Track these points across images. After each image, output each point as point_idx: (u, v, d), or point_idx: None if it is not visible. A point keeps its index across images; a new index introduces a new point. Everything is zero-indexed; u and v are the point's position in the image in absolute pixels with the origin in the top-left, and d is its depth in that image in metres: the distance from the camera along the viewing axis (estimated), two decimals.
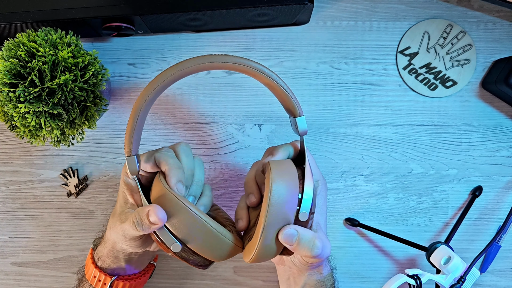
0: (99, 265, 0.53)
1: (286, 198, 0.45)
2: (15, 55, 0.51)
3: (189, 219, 0.45)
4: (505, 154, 0.65)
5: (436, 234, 0.65)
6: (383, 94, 0.65)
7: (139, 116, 0.45)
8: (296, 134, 0.50)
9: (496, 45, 0.65)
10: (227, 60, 0.44)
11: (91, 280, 0.53)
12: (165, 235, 0.45)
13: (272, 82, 0.46)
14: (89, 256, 0.55)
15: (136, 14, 0.56)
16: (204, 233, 0.45)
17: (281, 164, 0.48)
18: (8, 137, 0.66)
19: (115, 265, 0.53)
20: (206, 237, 0.46)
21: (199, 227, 0.45)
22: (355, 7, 0.65)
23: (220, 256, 0.47)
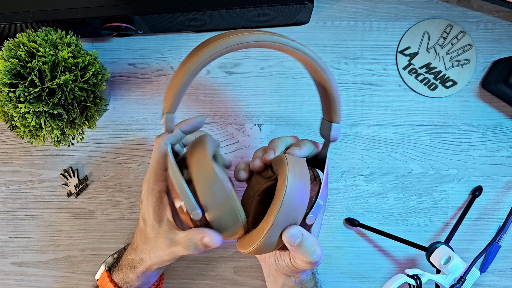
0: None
1: (299, 200, 0.44)
2: (15, 55, 0.51)
3: (219, 188, 0.45)
4: (505, 154, 0.65)
5: (436, 234, 0.65)
6: (383, 94, 0.65)
7: (190, 74, 0.43)
8: (324, 138, 0.50)
9: (496, 45, 0.65)
10: (296, 47, 0.43)
11: None
12: (189, 200, 0.44)
13: (327, 83, 0.45)
14: (107, 279, 0.52)
15: (136, 14, 0.56)
16: (226, 205, 0.45)
17: (298, 163, 0.47)
18: (8, 137, 0.66)
19: (142, 284, 0.52)
20: (226, 210, 0.45)
21: (224, 198, 0.45)
22: (355, 7, 0.65)
23: (226, 231, 0.47)
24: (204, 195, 0.45)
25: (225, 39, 0.41)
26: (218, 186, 0.45)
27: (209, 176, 0.45)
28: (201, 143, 0.48)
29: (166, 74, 0.65)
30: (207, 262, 0.66)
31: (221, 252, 0.66)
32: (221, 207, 0.45)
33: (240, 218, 0.46)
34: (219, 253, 0.66)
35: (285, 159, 0.47)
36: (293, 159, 0.47)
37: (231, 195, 0.45)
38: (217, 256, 0.66)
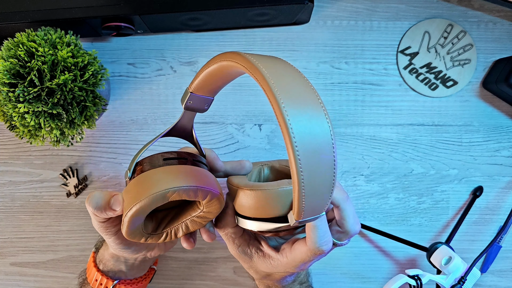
0: (101, 268, 0.53)
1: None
2: (15, 55, 0.51)
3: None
4: (505, 154, 0.65)
5: (437, 235, 0.65)
6: (383, 94, 0.65)
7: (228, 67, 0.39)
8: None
9: (497, 45, 0.65)
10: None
11: (92, 283, 0.53)
12: (131, 162, 0.46)
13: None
14: (91, 259, 0.54)
15: (135, 13, 0.56)
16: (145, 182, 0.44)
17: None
18: (7, 137, 0.65)
19: (116, 269, 0.53)
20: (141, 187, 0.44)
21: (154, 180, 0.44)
22: (356, 6, 0.65)
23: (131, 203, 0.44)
24: (140, 177, 0.43)
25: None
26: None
27: (155, 185, 0.42)
28: (177, 182, 0.44)
29: (165, 74, 0.65)
30: (207, 262, 0.65)
31: (221, 253, 0.65)
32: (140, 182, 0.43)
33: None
34: (219, 254, 0.65)
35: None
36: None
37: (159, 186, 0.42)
38: (217, 256, 0.66)
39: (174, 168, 0.44)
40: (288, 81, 0.35)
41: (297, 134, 0.32)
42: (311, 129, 0.33)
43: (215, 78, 0.43)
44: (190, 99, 0.45)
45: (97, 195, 0.44)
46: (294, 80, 0.35)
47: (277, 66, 0.36)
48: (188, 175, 0.43)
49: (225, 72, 0.41)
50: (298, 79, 0.36)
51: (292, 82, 0.35)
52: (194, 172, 0.44)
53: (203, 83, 0.43)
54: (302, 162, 0.32)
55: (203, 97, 0.45)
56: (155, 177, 0.43)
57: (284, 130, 0.32)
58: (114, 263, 0.52)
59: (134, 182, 0.43)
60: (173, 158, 0.45)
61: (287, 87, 0.34)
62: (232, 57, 0.37)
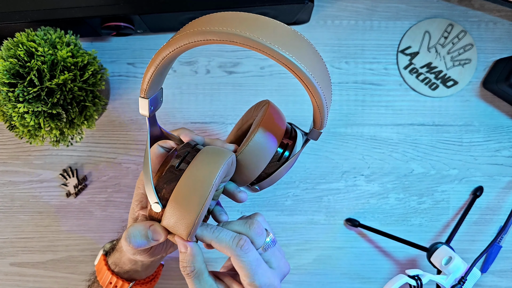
0: (116, 271, 0.52)
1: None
2: (14, 55, 0.51)
3: (197, 201, 0.42)
4: (506, 154, 0.65)
5: (437, 235, 0.65)
6: (383, 94, 0.65)
7: (164, 59, 0.40)
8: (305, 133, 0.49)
9: (497, 45, 0.65)
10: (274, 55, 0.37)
11: (106, 286, 0.52)
12: (150, 192, 0.42)
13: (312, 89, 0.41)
14: (103, 262, 0.53)
15: (135, 13, 0.56)
16: (188, 217, 0.42)
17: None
18: (7, 137, 0.65)
19: (132, 271, 0.52)
20: (184, 221, 0.43)
21: (191, 211, 0.42)
22: (356, 6, 0.65)
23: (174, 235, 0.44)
24: (178, 195, 0.41)
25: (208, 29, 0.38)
26: (198, 199, 0.41)
27: (198, 188, 0.41)
28: (220, 160, 0.43)
29: None
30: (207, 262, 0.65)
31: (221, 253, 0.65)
32: (182, 216, 0.41)
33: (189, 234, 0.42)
34: (219, 253, 0.65)
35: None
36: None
37: (200, 216, 0.41)
38: (217, 256, 0.66)
39: (197, 164, 0.42)
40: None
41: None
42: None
43: (166, 69, 0.43)
44: (151, 104, 0.44)
45: (134, 233, 0.42)
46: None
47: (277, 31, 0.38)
48: (213, 159, 0.42)
49: (176, 56, 0.41)
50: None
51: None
52: (211, 151, 0.43)
53: (155, 82, 0.42)
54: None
55: (156, 94, 0.45)
56: (192, 185, 0.41)
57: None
58: (132, 266, 0.52)
59: (173, 205, 0.41)
60: (181, 160, 0.43)
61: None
62: (212, 34, 0.37)
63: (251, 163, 0.47)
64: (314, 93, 0.39)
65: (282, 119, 0.50)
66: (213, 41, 0.38)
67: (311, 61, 0.39)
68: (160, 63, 0.40)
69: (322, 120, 0.43)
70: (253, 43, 0.36)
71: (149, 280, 0.55)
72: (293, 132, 0.51)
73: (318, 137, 0.46)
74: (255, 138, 0.46)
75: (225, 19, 0.38)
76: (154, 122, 0.47)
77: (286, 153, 0.49)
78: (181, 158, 0.43)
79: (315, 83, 0.38)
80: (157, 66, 0.40)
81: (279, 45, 0.37)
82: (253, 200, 0.65)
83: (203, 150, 0.44)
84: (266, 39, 0.36)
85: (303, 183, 0.65)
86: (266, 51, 0.36)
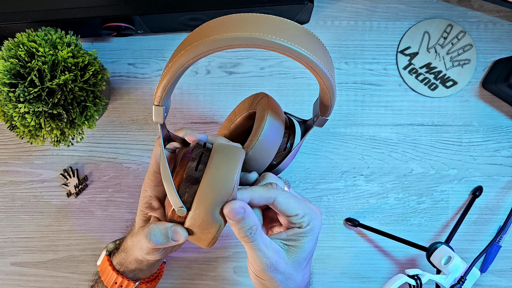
0: (121, 271, 0.52)
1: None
2: (15, 55, 0.51)
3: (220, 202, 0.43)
4: (505, 154, 0.65)
5: (437, 234, 0.65)
6: (383, 94, 0.65)
7: (182, 68, 0.40)
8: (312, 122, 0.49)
9: (496, 45, 0.65)
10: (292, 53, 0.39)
11: (111, 286, 0.52)
12: (173, 195, 0.42)
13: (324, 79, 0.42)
14: (107, 263, 0.53)
15: (136, 14, 0.56)
16: (213, 223, 0.43)
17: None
18: (8, 137, 0.66)
19: (137, 270, 0.52)
20: (210, 226, 0.44)
21: (216, 217, 0.43)
22: (355, 7, 0.65)
23: (198, 239, 0.45)
24: (202, 197, 0.42)
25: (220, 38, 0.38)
26: (221, 201, 0.41)
27: (221, 188, 0.41)
28: (235, 157, 0.44)
29: None
30: (207, 262, 0.66)
31: (221, 252, 0.66)
32: (207, 222, 0.42)
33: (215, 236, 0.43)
34: (219, 253, 0.66)
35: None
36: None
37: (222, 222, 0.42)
38: (217, 256, 0.66)
39: (215, 164, 0.42)
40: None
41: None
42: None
43: (179, 76, 0.42)
44: (165, 111, 0.43)
45: (155, 231, 0.43)
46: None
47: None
48: (228, 157, 0.43)
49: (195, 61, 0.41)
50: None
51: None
52: (224, 149, 0.44)
53: (170, 89, 0.42)
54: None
55: (168, 100, 0.44)
56: (215, 185, 0.41)
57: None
58: (137, 266, 0.52)
59: (199, 207, 0.41)
60: (198, 160, 0.43)
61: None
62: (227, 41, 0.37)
63: (261, 156, 0.48)
64: (324, 77, 0.40)
65: (281, 110, 0.51)
66: (236, 46, 0.38)
67: (321, 53, 0.40)
68: (179, 71, 0.40)
69: (331, 106, 0.44)
70: (277, 45, 0.37)
71: (153, 278, 0.55)
72: (290, 121, 0.52)
73: (324, 124, 0.48)
74: (264, 132, 0.47)
75: (241, 22, 0.38)
76: (164, 127, 0.47)
77: (288, 143, 0.50)
78: (197, 161, 0.43)
79: (321, 66, 0.39)
80: (175, 74, 0.40)
81: (301, 46, 0.38)
82: None
83: (215, 149, 0.44)
84: (288, 40, 0.37)
85: (303, 183, 0.65)
86: (291, 53, 0.38)
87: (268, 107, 0.48)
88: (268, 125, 0.47)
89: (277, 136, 0.48)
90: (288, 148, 0.50)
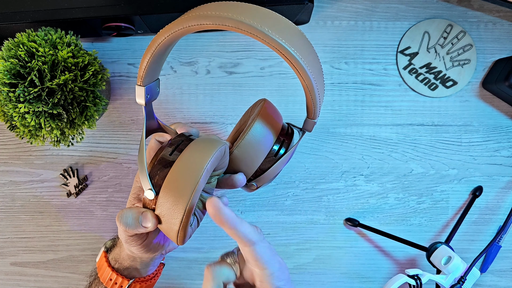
0: (116, 267, 0.53)
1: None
2: (15, 55, 0.51)
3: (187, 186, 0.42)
4: (505, 154, 0.65)
5: (437, 234, 0.65)
6: (383, 94, 0.65)
7: (159, 45, 0.41)
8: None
9: (496, 45, 0.65)
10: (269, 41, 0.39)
11: (106, 283, 0.52)
12: (144, 178, 0.42)
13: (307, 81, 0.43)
14: (104, 259, 0.54)
15: (136, 14, 0.56)
16: (178, 207, 0.42)
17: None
18: (8, 137, 0.66)
19: (132, 267, 0.53)
20: (175, 211, 0.43)
21: (181, 198, 0.42)
22: (355, 7, 0.65)
23: (166, 228, 0.44)
24: (170, 181, 0.41)
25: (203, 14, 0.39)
26: (189, 184, 0.40)
27: (190, 173, 0.40)
28: (212, 148, 0.43)
29: (166, 74, 0.65)
30: (207, 262, 0.65)
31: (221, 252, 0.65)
32: (172, 204, 0.41)
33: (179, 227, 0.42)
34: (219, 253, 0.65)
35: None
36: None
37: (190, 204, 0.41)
38: (217, 256, 0.66)
39: (190, 151, 0.42)
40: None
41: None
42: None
43: (163, 57, 0.44)
44: (147, 92, 0.45)
45: (127, 213, 0.44)
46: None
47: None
48: (205, 146, 0.42)
49: (173, 43, 0.42)
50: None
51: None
52: (205, 139, 0.44)
53: (151, 69, 0.43)
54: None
55: (153, 84, 0.46)
56: (184, 170, 0.41)
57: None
58: (131, 263, 0.52)
59: (166, 190, 0.41)
60: (174, 148, 0.43)
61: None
62: (209, 18, 0.38)
63: (247, 157, 0.47)
64: (304, 75, 0.40)
65: (278, 115, 0.50)
66: (206, 25, 0.39)
67: (300, 45, 0.40)
68: (156, 49, 0.41)
69: (314, 107, 0.44)
70: (244, 26, 0.38)
71: (149, 278, 0.55)
72: (289, 129, 0.51)
73: (312, 127, 0.47)
74: (251, 132, 0.47)
75: (219, 5, 0.40)
76: (151, 113, 0.47)
77: (282, 149, 0.49)
78: (174, 147, 0.43)
79: (303, 65, 0.40)
80: (153, 53, 0.41)
81: (270, 28, 0.38)
82: (253, 200, 0.66)
83: (196, 139, 0.44)
84: (257, 23, 0.38)
85: (303, 183, 0.65)
86: (257, 34, 0.38)
87: (260, 111, 0.48)
88: (256, 126, 0.47)
89: (266, 139, 0.48)
90: (280, 154, 0.49)
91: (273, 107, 0.50)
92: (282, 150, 0.49)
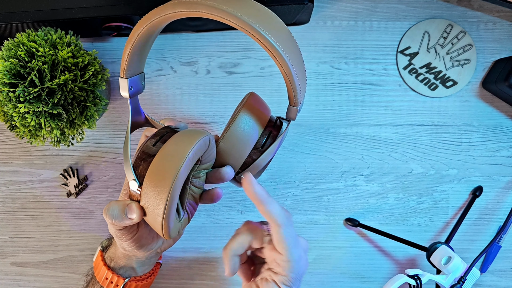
0: (111, 266, 0.53)
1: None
2: (15, 55, 0.51)
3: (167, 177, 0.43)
4: (505, 154, 0.65)
5: (437, 234, 0.65)
6: (383, 94, 0.65)
7: (138, 36, 0.41)
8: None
9: (496, 45, 0.65)
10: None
11: (102, 282, 0.53)
12: (128, 169, 0.43)
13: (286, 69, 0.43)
14: (100, 258, 0.54)
15: (136, 14, 0.56)
16: (160, 197, 0.42)
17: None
18: (8, 137, 0.66)
19: (127, 266, 0.53)
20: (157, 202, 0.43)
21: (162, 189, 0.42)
22: (355, 7, 0.65)
23: (151, 219, 0.44)
24: (153, 171, 0.41)
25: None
26: (168, 175, 0.40)
27: (172, 160, 0.41)
28: (195, 138, 0.43)
29: (166, 74, 0.65)
30: (207, 262, 0.66)
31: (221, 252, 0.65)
32: (154, 195, 0.41)
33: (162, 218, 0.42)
34: (219, 253, 0.66)
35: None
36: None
37: (171, 196, 0.41)
38: (217, 256, 0.66)
39: (173, 141, 0.42)
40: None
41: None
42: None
43: (144, 48, 0.44)
44: (130, 84, 0.45)
45: (113, 206, 0.44)
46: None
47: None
48: (188, 136, 0.43)
49: (153, 33, 0.43)
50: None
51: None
52: (189, 130, 0.44)
53: (133, 61, 0.44)
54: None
55: (137, 76, 0.46)
56: (166, 159, 0.41)
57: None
58: (126, 261, 0.53)
59: (149, 180, 0.41)
60: (158, 139, 0.44)
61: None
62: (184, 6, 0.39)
63: (233, 149, 0.47)
64: (280, 59, 0.41)
65: (265, 107, 0.50)
66: (181, 13, 0.39)
67: (278, 31, 0.41)
68: (135, 40, 0.42)
69: (295, 93, 0.44)
70: (217, 11, 0.38)
71: (145, 277, 0.55)
72: (278, 121, 0.51)
73: (295, 115, 0.47)
74: (236, 123, 0.47)
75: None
76: (137, 107, 0.48)
77: (269, 141, 0.49)
78: (158, 138, 0.44)
79: (279, 49, 0.40)
80: (133, 44, 0.42)
81: (243, 13, 0.38)
82: None
83: (181, 131, 0.44)
84: (231, 8, 0.38)
85: (303, 183, 0.65)
86: (231, 19, 0.38)
87: (245, 103, 0.48)
88: (241, 118, 0.47)
89: (252, 130, 0.47)
90: (267, 145, 0.49)
91: (259, 99, 0.50)
92: (268, 141, 0.49)
